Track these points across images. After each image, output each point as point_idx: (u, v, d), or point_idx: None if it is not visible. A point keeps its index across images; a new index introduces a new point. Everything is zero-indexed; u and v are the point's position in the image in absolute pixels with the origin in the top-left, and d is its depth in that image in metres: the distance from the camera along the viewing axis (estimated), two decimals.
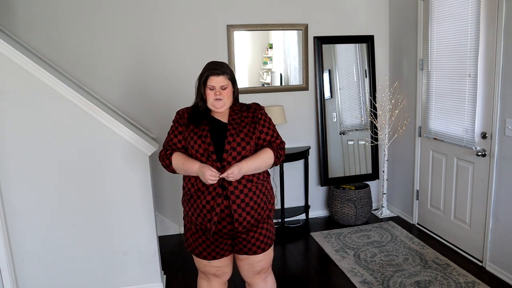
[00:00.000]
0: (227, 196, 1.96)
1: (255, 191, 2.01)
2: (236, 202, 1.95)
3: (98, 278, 2.79)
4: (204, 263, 2.12)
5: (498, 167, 2.93)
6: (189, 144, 2.01)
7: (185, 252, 3.59)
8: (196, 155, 1.99)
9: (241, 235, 2.03)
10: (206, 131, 1.98)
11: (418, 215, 3.94)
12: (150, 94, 3.73)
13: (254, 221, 2.01)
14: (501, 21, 2.78)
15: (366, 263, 3.22)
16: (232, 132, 1.98)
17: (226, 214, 1.97)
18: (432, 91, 3.58)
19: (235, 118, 2.04)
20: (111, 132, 2.64)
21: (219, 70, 1.99)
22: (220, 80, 1.98)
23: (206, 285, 2.21)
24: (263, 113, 2.10)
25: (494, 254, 3.02)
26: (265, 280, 2.20)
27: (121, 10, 3.55)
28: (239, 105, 2.11)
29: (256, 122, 2.05)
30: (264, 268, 2.16)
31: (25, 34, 3.38)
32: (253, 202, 1.99)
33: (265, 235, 2.08)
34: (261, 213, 2.04)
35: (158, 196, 3.78)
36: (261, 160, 2.01)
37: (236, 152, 1.96)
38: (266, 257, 2.13)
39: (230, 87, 2.02)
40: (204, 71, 2.03)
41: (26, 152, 2.56)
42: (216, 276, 2.17)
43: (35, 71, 2.49)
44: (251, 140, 2.01)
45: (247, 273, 2.17)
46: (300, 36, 3.96)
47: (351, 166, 4.22)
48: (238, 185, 1.96)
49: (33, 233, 2.66)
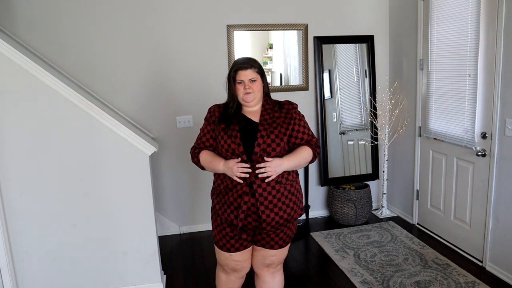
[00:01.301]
0: (253, 194, 1.97)
1: (283, 192, 2.01)
2: (264, 203, 1.97)
3: (98, 278, 2.79)
4: (225, 256, 2.15)
5: (498, 167, 2.93)
6: (219, 143, 2.03)
7: (185, 252, 3.59)
8: (227, 154, 2.01)
9: (265, 231, 2.05)
10: (236, 131, 1.99)
11: (418, 215, 3.94)
12: (149, 94, 3.73)
13: (283, 221, 2.03)
14: (501, 21, 2.78)
15: (366, 263, 3.22)
16: (262, 134, 1.98)
17: (252, 212, 1.99)
18: (432, 91, 3.58)
19: (267, 118, 2.04)
20: (111, 132, 2.64)
21: (246, 64, 2.02)
22: (248, 74, 2.00)
23: (225, 277, 2.26)
24: (297, 111, 2.11)
25: (494, 254, 3.02)
26: (273, 275, 2.23)
27: (120, 10, 3.55)
28: (271, 102, 2.11)
29: (289, 122, 2.05)
30: (275, 263, 2.19)
31: (25, 34, 3.38)
32: (281, 203, 2.00)
33: (287, 233, 2.11)
34: (291, 213, 2.05)
35: (158, 196, 3.78)
36: (302, 157, 2.03)
37: (266, 153, 1.97)
38: (280, 253, 2.16)
39: (259, 80, 2.04)
40: (232, 67, 2.05)
41: (26, 152, 2.56)
42: (235, 271, 2.20)
43: (35, 71, 2.49)
44: (281, 142, 2.00)
45: (258, 263, 2.21)
46: (300, 36, 3.96)
47: (351, 166, 4.22)
48: (266, 187, 1.97)
49: (33, 233, 2.66)
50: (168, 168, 3.87)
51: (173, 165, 3.87)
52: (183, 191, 3.95)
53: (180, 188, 3.93)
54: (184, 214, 3.99)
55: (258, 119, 2.04)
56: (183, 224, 4.01)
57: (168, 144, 3.81)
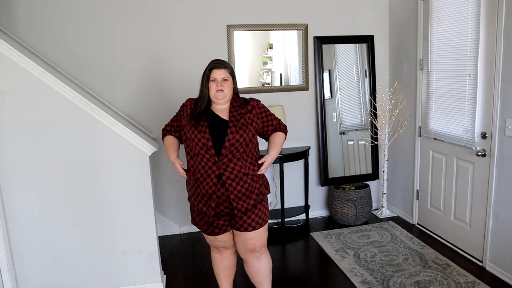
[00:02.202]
0: (223, 183, 2.20)
1: (250, 182, 2.25)
2: (233, 193, 2.21)
3: (98, 278, 2.79)
4: (212, 238, 2.40)
5: (498, 167, 2.93)
6: (190, 137, 2.22)
7: (185, 252, 3.59)
8: (196, 147, 2.21)
9: (237, 216, 2.27)
10: (205, 127, 2.19)
11: (418, 215, 3.94)
12: (149, 94, 3.73)
13: (251, 206, 2.26)
14: (501, 21, 2.78)
15: (366, 263, 3.22)
16: (232, 130, 2.19)
17: (223, 200, 2.23)
18: (432, 91, 3.58)
19: (235, 114, 2.25)
20: (111, 132, 2.64)
21: (221, 64, 2.26)
22: (221, 73, 2.23)
23: (219, 256, 2.52)
24: (261, 106, 2.36)
25: (494, 254, 3.02)
26: (258, 259, 2.42)
27: (120, 9, 3.55)
28: (238, 100, 2.33)
29: (257, 118, 2.31)
30: (257, 246, 2.36)
31: (25, 34, 3.38)
32: (248, 192, 2.25)
33: (259, 215, 2.31)
34: (257, 199, 2.29)
35: (158, 196, 3.78)
36: (280, 143, 2.39)
37: (234, 147, 2.19)
38: (258, 235, 2.33)
39: (230, 81, 2.26)
40: (208, 66, 2.28)
41: (26, 152, 2.56)
42: (226, 248, 2.46)
43: (35, 71, 2.49)
44: (247, 137, 2.22)
45: (241, 249, 2.40)
46: (300, 36, 3.96)
47: (351, 166, 4.22)
48: (235, 178, 2.20)
49: (33, 233, 2.66)
50: (168, 168, 3.87)
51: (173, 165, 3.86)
52: (183, 191, 3.94)
53: (180, 188, 3.93)
54: (184, 214, 3.98)
55: (226, 116, 2.25)
56: (183, 224, 4.01)
57: None
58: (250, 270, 2.47)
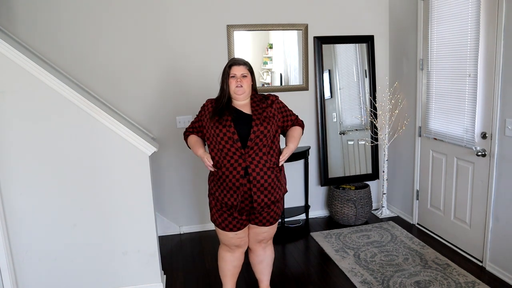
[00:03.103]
0: (249, 180, 2.27)
1: (273, 178, 2.33)
2: (256, 186, 2.28)
3: (98, 278, 2.79)
4: (230, 236, 2.44)
5: (498, 167, 2.93)
6: (214, 133, 2.28)
7: (185, 252, 3.59)
8: (221, 142, 2.27)
9: (257, 211, 2.37)
10: (230, 121, 2.27)
11: (418, 215, 3.94)
12: (149, 94, 3.73)
13: (270, 202, 2.35)
14: (501, 21, 2.78)
15: (366, 263, 3.22)
16: (257, 122, 2.28)
17: (249, 195, 2.30)
18: (432, 91, 3.58)
19: (257, 108, 2.35)
20: (111, 132, 2.64)
21: (240, 61, 2.38)
22: (240, 69, 2.34)
23: (230, 255, 2.55)
24: (279, 101, 2.47)
25: (494, 254, 3.02)
26: (264, 249, 2.58)
27: (120, 9, 3.55)
28: (258, 96, 2.44)
29: (278, 112, 2.41)
30: (266, 238, 2.53)
31: (25, 34, 3.38)
32: (270, 187, 2.32)
33: (275, 212, 2.44)
34: (276, 196, 2.37)
35: (158, 196, 3.78)
36: (299, 136, 2.51)
37: (259, 139, 2.27)
38: (270, 230, 2.50)
39: (249, 77, 2.37)
40: (227, 63, 2.39)
41: (26, 152, 2.56)
42: (239, 247, 2.51)
43: (35, 71, 2.49)
44: (271, 129, 2.32)
45: (252, 240, 2.53)
46: (300, 36, 3.96)
47: (351, 166, 4.22)
48: (260, 171, 2.28)
49: (33, 233, 2.66)
50: (168, 168, 3.87)
51: (173, 165, 3.87)
52: (183, 191, 3.95)
53: (180, 188, 3.93)
54: (184, 214, 3.99)
55: (248, 111, 2.35)
56: (183, 224, 4.01)
57: (168, 144, 3.81)
58: (255, 260, 2.62)
